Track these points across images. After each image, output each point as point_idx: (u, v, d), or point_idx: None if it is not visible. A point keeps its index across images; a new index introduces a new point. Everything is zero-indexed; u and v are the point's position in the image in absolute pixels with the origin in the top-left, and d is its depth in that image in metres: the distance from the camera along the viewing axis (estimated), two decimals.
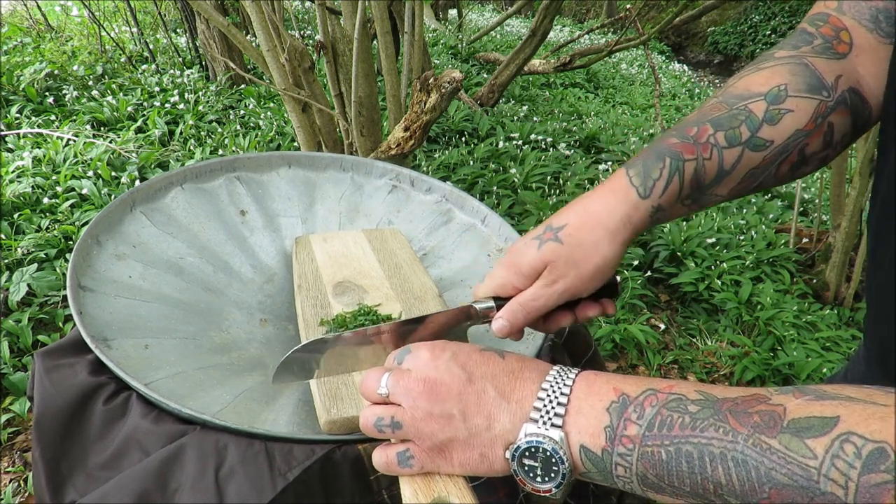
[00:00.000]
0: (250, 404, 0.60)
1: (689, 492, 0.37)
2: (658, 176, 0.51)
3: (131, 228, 0.79)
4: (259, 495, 0.49)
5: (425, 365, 0.45)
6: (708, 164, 0.51)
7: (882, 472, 0.30)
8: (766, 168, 0.53)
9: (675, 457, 0.36)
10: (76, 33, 4.30)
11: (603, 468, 0.40)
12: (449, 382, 0.43)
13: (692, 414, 0.37)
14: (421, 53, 2.05)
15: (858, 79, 0.53)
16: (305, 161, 0.99)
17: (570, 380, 0.42)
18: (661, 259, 2.44)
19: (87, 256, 0.71)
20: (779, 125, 0.51)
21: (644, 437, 0.38)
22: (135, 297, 0.70)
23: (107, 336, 0.63)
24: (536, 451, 0.40)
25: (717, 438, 0.35)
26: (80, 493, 0.52)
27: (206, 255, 0.82)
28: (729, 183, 0.53)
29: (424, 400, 0.43)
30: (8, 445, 1.42)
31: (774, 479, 0.33)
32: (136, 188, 0.82)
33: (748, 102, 0.52)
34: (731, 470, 0.34)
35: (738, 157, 0.51)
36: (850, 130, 0.54)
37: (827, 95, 0.51)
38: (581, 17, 12.23)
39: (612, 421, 0.39)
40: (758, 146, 0.51)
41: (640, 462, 0.38)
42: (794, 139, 0.51)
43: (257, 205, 0.92)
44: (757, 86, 0.52)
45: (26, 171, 2.27)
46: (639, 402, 0.39)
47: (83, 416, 0.57)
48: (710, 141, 0.51)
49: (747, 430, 0.34)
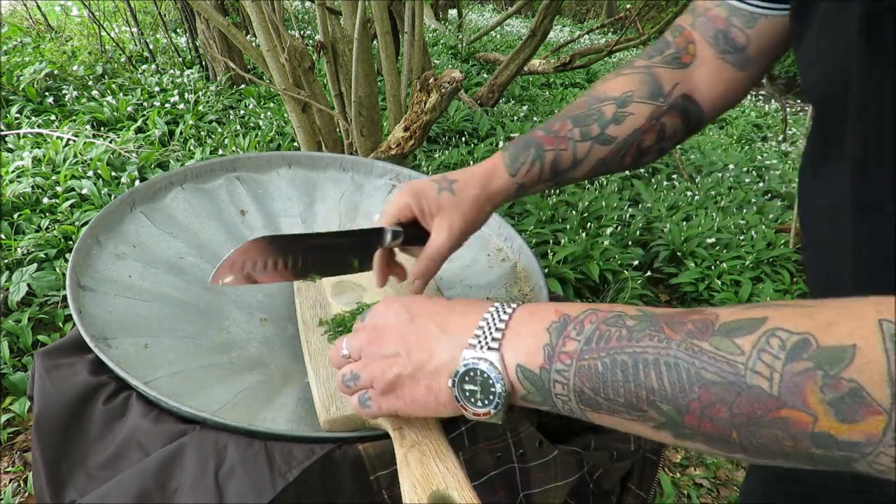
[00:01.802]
0: (250, 403, 0.60)
1: (624, 403, 0.37)
2: (524, 161, 0.64)
3: (131, 228, 0.79)
4: (259, 495, 0.49)
5: (376, 315, 0.49)
6: (564, 153, 0.64)
7: (804, 360, 0.31)
8: (612, 158, 0.65)
9: (610, 367, 0.37)
10: (76, 33, 4.30)
11: (541, 387, 0.40)
12: (393, 324, 0.47)
13: (629, 327, 0.38)
14: (421, 53, 2.05)
15: (694, 87, 0.65)
16: (305, 161, 0.99)
17: (511, 309, 0.44)
18: (661, 259, 2.44)
19: (87, 256, 0.71)
20: (622, 125, 0.63)
21: (581, 351, 0.38)
22: (135, 297, 0.70)
23: (106, 335, 0.63)
24: (475, 374, 0.42)
25: (651, 346, 0.36)
26: (81, 492, 0.52)
27: (206, 254, 0.82)
28: (582, 168, 0.65)
29: (373, 345, 0.47)
30: (8, 445, 1.42)
31: (703, 378, 0.34)
32: (136, 188, 0.82)
33: (602, 104, 0.64)
34: (664, 373, 0.35)
35: (588, 149, 0.64)
36: (681, 129, 0.66)
37: (662, 101, 0.64)
38: (581, 17, 12.23)
39: (552, 339, 0.40)
40: (605, 141, 0.63)
41: (577, 377, 0.38)
42: (633, 136, 0.64)
43: (257, 204, 0.92)
44: (613, 91, 0.64)
45: (26, 171, 2.27)
46: (579, 320, 0.40)
47: (83, 415, 0.57)
48: (567, 135, 0.64)
49: (680, 336, 0.35)
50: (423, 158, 3.06)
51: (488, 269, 0.89)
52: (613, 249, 2.35)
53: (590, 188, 2.93)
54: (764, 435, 0.32)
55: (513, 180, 0.64)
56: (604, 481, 0.69)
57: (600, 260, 2.26)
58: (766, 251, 2.51)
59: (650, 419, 0.36)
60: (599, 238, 2.40)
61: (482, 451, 0.58)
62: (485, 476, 0.59)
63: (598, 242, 2.36)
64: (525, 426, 0.60)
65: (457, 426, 0.57)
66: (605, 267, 2.24)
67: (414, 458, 0.48)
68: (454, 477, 0.45)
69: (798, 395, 0.31)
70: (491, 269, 0.88)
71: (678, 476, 1.61)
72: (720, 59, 0.63)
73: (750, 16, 0.59)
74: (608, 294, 2.23)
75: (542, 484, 0.61)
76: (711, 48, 0.63)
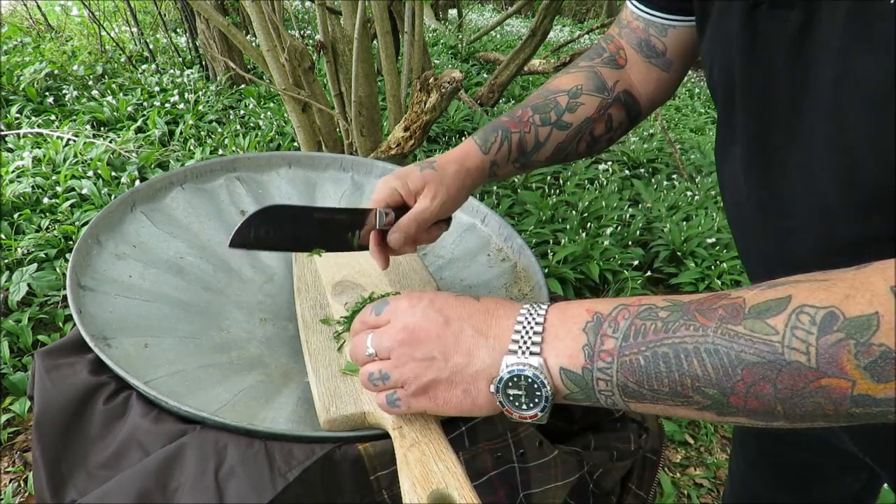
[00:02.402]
0: (249, 402, 0.60)
1: (669, 392, 0.39)
2: (493, 141, 0.70)
3: (131, 228, 0.79)
4: (259, 495, 0.49)
5: (404, 313, 0.48)
6: (528, 136, 0.70)
7: (836, 332, 0.33)
8: (569, 143, 0.72)
9: (652, 360, 0.39)
10: (76, 33, 4.30)
11: (584, 386, 0.42)
12: (427, 327, 0.47)
13: (663, 319, 0.39)
14: (421, 53, 2.05)
15: (631, 85, 0.73)
16: (305, 161, 0.99)
17: (543, 310, 0.45)
18: (661, 259, 2.44)
19: (87, 256, 0.71)
20: (575, 113, 0.71)
21: (621, 347, 0.40)
22: (135, 297, 0.70)
23: (106, 335, 0.63)
24: (519, 379, 0.43)
25: (689, 335, 0.38)
26: (81, 492, 0.52)
27: (206, 254, 0.82)
28: (544, 152, 0.71)
29: (406, 347, 0.47)
30: (8, 445, 1.42)
31: (745, 360, 0.36)
32: (136, 188, 0.82)
33: (556, 95, 0.71)
34: (706, 360, 0.37)
35: (548, 133, 0.70)
36: (625, 120, 0.74)
37: (607, 95, 0.72)
38: (581, 16, 12.22)
39: (590, 339, 0.42)
40: (562, 127, 0.71)
41: (619, 373, 0.40)
42: (585, 124, 0.71)
43: (257, 204, 0.92)
44: (564, 84, 0.72)
45: (26, 170, 2.27)
46: (612, 317, 0.42)
47: (83, 415, 0.57)
48: (529, 120, 0.70)
49: (715, 323, 0.37)
50: (423, 158, 3.06)
51: (488, 268, 0.89)
52: (613, 249, 2.35)
53: (590, 188, 2.93)
54: (806, 404, 0.35)
55: (486, 157, 0.70)
56: (604, 481, 0.69)
57: (600, 260, 2.26)
58: None
59: (695, 403, 0.38)
60: (599, 238, 2.40)
61: (482, 450, 0.58)
62: (485, 476, 0.59)
63: (598, 242, 2.36)
64: (525, 426, 0.60)
65: (457, 426, 0.57)
66: (605, 267, 2.24)
67: (414, 458, 0.48)
68: (454, 476, 0.45)
69: (835, 364, 0.33)
70: (491, 269, 0.89)
71: (678, 476, 1.61)
72: (647, 63, 0.72)
73: (661, 27, 0.69)
74: (608, 294, 2.23)
75: (542, 484, 0.61)
76: (637, 54, 0.72)
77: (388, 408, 0.50)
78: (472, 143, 0.71)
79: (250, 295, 0.79)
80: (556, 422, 0.75)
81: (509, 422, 0.59)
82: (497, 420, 0.59)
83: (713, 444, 1.72)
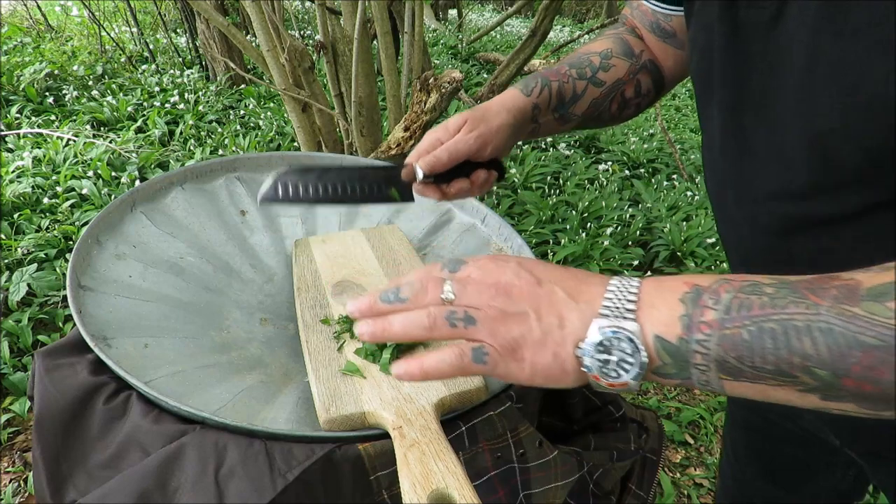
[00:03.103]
0: (250, 402, 0.60)
1: (773, 370, 0.37)
2: (534, 86, 0.72)
3: (131, 228, 0.79)
4: (259, 495, 0.49)
5: (493, 272, 0.45)
6: (566, 86, 0.73)
7: None
8: (603, 101, 0.74)
9: (757, 335, 0.37)
10: (76, 33, 4.30)
11: (679, 357, 0.40)
12: (520, 285, 0.44)
13: (770, 295, 0.38)
14: (421, 53, 2.05)
15: (654, 56, 0.75)
16: (306, 160, 0.99)
17: (636, 281, 0.43)
18: (661, 259, 2.44)
19: (87, 256, 0.71)
20: (609, 72, 0.73)
21: (722, 320, 0.38)
22: (135, 297, 0.70)
23: (106, 335, 0.63)
24: (610, 344, 0.40)
25: (799, 313, 0.36)
26: (81, 492, 0.52)
27: (206, 255, 0.82)
28: (581, 105, 0.74)
29: (499, 300, 0.43)
30: (8, 445, 1.42)
31: (863, 343, 0.34)
32: (136, 188, 0.82)
33: (590, 56, 0.74)
34: (819, 339, 0.35)
35: (585, 87, 0.73)
36: (651, 89, 0.76)
37: (635, 61, 0.74)
38: (581, 17, 12.22)
39: (688, 309, 0.39)
40: (596, 83, 0.73)
41: (719, 346, 0.38)
42: (617, 84, 0.74)
43: (257, 204, 0.92)
44: (595, 48, 0.76)
45: (26, 171, 2.27)
46: (713, 289, 0.40)
47: (83, 415, 0.57)
48: (567, 73, 0.73)
49: (829, 303, 0.36)
50: None
51: None
52: (613, 249, 2.35)
53: (590, 188, 2.93)
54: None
55: (528, 99, 0.71)
56: (604, 481, 0.69)
57: (600, 260, 2.26)
58: None
59: (801, 384, 0.37)
60: (599, 238, 2.40)
61: (482, 450, 0.58)
62: (485, 476, 0.59)
63: (598, 242, 2.36)
64: (525, 426, 0.60)
65: (457, 426, 0.57)
66: (605, 267, 2.24)
67: (414, 458, 0.48)
68: (454, 476, 0.45)
69: None
70: None
71: (678, 476, 1.61)
72: (661, 42, 0.74)
73: (665, 14, 0.72)
74: None
75: (542, 484, 0.61)
76: (651, 33, 0.74)
77: (471, 364, 0.43)
78: (514, 89, 0.72)
79: (250, 295, 0.79)
80: (556, 422, 0.75)
81: (509, 422, 0.59)
82: (497, 420, 0.59)
83: (713, 444, 1.72)
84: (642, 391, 1.90)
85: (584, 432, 0.71)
